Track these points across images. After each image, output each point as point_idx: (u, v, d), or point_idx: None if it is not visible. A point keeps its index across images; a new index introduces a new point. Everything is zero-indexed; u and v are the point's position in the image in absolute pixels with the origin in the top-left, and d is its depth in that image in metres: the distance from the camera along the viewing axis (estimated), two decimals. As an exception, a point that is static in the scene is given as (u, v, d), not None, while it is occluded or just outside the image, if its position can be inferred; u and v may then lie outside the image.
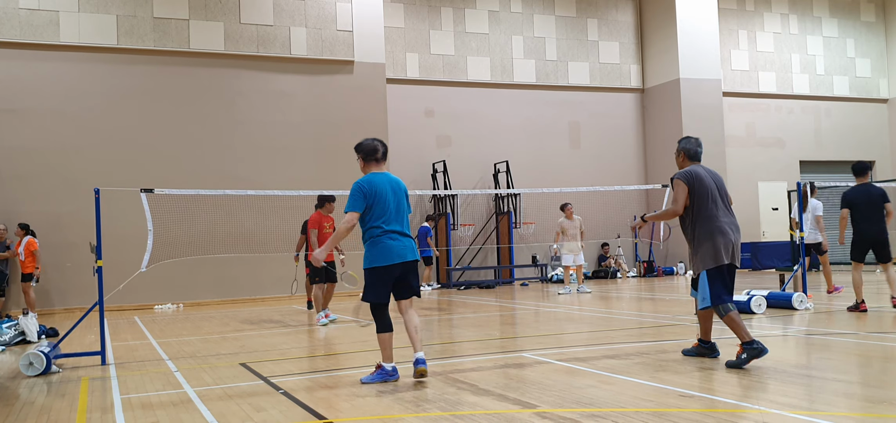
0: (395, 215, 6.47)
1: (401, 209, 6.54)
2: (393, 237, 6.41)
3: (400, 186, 6.62)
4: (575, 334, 9.76)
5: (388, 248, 6.37)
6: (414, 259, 6.50)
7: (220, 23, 18.30)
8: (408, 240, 6.50)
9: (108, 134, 17.34)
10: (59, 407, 6.21)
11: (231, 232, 16.15)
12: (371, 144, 6.63)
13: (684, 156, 7.18)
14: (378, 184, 6.46)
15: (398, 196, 6.54)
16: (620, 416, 5.00)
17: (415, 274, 6.57)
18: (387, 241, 6.39)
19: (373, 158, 6.60)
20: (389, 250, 6.37)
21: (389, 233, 6.40)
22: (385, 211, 6.43)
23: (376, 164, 6.61)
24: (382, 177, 6.54)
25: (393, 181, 6.59)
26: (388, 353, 6.49)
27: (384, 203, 6.43)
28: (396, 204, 6.50)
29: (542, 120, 22.84)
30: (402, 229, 6.50)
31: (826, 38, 26.55)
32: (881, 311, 10.81)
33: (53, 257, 16.43)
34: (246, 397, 6.20)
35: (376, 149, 6.62)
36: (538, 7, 23.03)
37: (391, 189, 6.50)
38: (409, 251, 6.48)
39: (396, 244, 6.40)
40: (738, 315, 6.63)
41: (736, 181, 24.06)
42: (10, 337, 10.53)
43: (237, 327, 12.10)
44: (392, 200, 6.47)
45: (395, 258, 6.37)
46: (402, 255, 6.41)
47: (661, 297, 15.15)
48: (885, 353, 7.47)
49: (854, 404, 5.12)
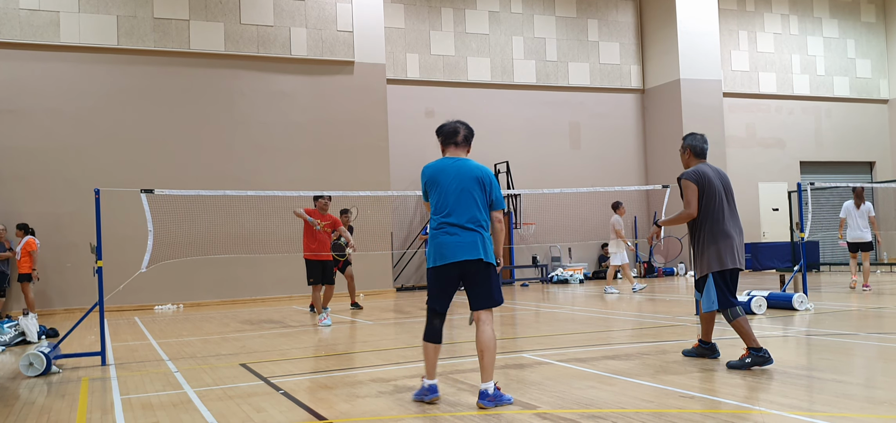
0: (457, 205, 5.48)
1: (466, 200, 5.50)
2: (450, 232, 5.48)
3: (471, 171, 5.56)
4: (575, 334, 9.76)
5: (439, 245, 5.50)
6: (473, 258, 5.45)
7: (220, 23, 18.30)
8: (469, 235, 5.46)
9: (108, 134, 17.35)
10: (59, 408, 6.21)
11: (231, 232, 16.15)
12: (451, 126, 5.73)
13: (690, 153, 7.02)
14: (441, 169, 5.61)
15: (464, 184, 5.51)
16: (620, 417, 5.00)
17: (482, 277, 5.50)
18: (441, 236, 5.51)
19: (452, 141, 5.71)
20: (440, 248, 5.49)
21: (446, 227, 5.50)
22: (444, 201, 5.53)
23: (455, 148, 5.71)
24: (449, 162, 5.63)
25: (462, 167, 5.58)
26: (427, 366, 5.63)
27: (443, 191, 5.54)
28: (460, 193, 5.50)
29: (542, 121, 22.84)
30: (464, 223, 5.47)
31: (826, 38, 26.55)
32: (881, 311, 10.81)
33: (53, 258, 16.44)
34: (246, 397, 6.20)
35: (457, 131, 5.70)
36: (538, 7, 23.03)
37: (456, 175, 5.54)
38: (463, 249, 5.44)
39: (450, 241, 5.46)
40: (747, 320, 6.58)
41: (736, 182, 23.86)
42: (11, 337, 10.53)
43: (237, 327, 12.10)
44: (454, 188, 5.51)
45: (446, 258, 5.46)
46: (453, 253, 5.44)
47: (660, 297, 15.15)
48: (885, 353, 7.46)
49: (854, 404, 5.12)
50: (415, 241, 21.06)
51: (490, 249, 5.52)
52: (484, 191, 5.54)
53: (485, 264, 5.46)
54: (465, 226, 5.46)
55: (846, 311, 11.06)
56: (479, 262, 5.45)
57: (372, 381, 6.73)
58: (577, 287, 19.38)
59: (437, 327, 5.58)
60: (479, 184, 5.52)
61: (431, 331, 5.58)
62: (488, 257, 5.48)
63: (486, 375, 5.35)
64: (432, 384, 5.59)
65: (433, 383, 5.59)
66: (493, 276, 5.53)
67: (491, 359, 5.36)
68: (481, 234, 5.49)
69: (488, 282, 5.49)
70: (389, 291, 19.49)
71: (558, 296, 16.53)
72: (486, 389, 5.33)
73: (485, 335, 5.39)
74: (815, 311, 10.82)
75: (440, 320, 5.59)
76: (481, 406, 5.30)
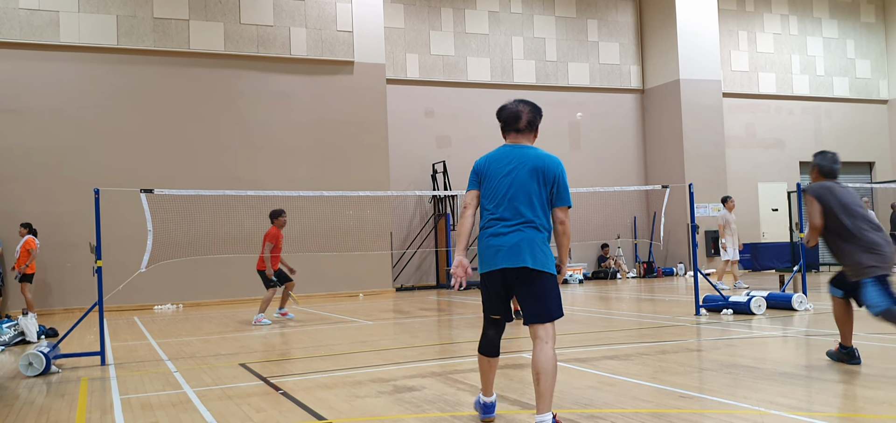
0: (506, 200, 4.61)
1: (519, 194, 4.61)
2: (495, 232, 4.63)
3: (529, 160, 4.66)
4: (575, 334, 9.75)
5: (485, 247, 4.69)
6: (515, 266, 4.54)
7: (220, 23, 18.30)
8: (515, 236, 4.56)
9: (108, 134, 17.34)
10: (58, 407, 6.21)
11: (231, 232, 16.16)
12: (512, 110, 4.83)
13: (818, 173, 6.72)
14: (495, 159, 4.77)
15: (518, 174, 4.63)
16: (620, 417, 4.99)
17: (533, 287, 4.56)
18: (487, 238, 4.68)
19: (513, 127, 4.81)
20: (486, 250, 4.68)
21: (492, 225, 4.65)
22: (494, 193, 4.68)
23: (516, 135, 4.82)
24: (507, 150, 4.78)
25: (521, 155, 4.70)
26: (483, 382, 4.90)
27: (494, 183, 4.70)
28: (511, 185, 4.63)
29: (542, 120, 22.79)
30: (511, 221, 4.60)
31: (826, 39, 26.55)
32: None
33: (53, 257, 16.44)
34: (245, 397, 6.20)
35: (519, 115, 4.80)
36: (538, 8, 23.03)
37: (510, 165, 4.67)
38: (506, 255, 4.55)
39: (494, 244, 4.61)
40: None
41: (736, 182, 24.09)
42: (10, 337, 10.52)
43: (237, 327, 12.10)
44: (505, 179, 4.65)
45: (488, 264, 4.66)
46: (493, 260, 4.60)
47: (660, 298, 15.14)
48: (885, 353, 7.46)
49: (854, 404, 5.12)
50: (414, 241, 21.06)
51: (541, 253, 4.56)
52: (543, 184, 4.62)
53: (535, 272, 4.54)
54: (513, 225, 4.58)
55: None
56: (523, 270, 4.54)
57: (372, 381, 6.73)
58: (577, 287, 19.38)
59: (492, 338, 4.77)
60: (538, 175, 4.61)
61: (486, 342, 4.78)
62: (538, 264, 4.53)
63: (543, 404, 4.37)
64: (490, 402, 4.92)
65: (491, 401, 4.92)
66: (548, 285, 4.57)
67: (549, 385, 4.37)
68: (532, 235, 4.56)
69: (542, 293, 4.54)
70: (389, 291, 19.49)
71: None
72: (542, 420, 4.35)
73: (543, 355, 4.43)
74: (814, 311, 10.82)
75: (494, 330, 4.78)
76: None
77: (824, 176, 6.64)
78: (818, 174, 6.68)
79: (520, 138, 4.82)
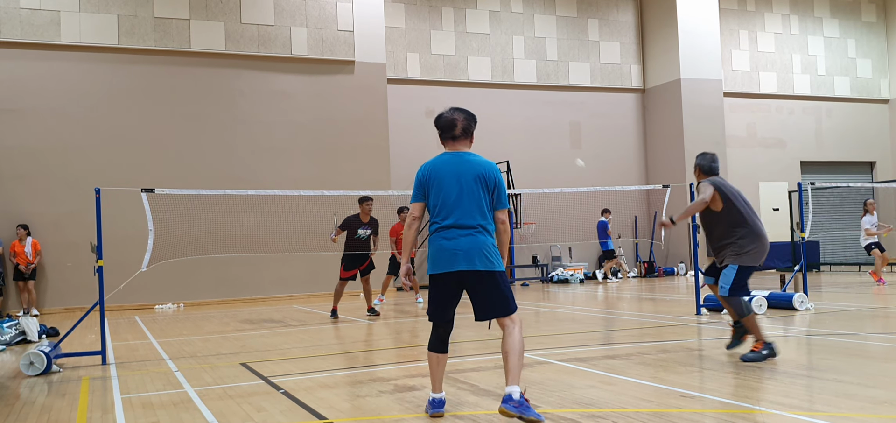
0: (456, 206, 4.97)
1: (467, 200, 4.98)
2: (447, 236, 4.97)
3: (472, 167, 5.03)
4: (575, 334, 9.75)
5: (438, 250, 5.00)
6: (473, 269, 4.92)
7: (220, 23, 18.30)
8: (467, 240, 4.93)
9: (108, 134, 17.34)
10: (59, 407, 6.21)
11: (231, 232, 16.16)
12: (448, 118, 5.17)
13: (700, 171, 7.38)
14: (439, 167, 5.09)
15: (464, 182, 4.99)
16: (621, 416, 4.99)
17: (489, 286, 4.95)
18: (439, 241, 5.01)
19: (448, 135, 5.15)
20: (439, 253, 4.99)
21: (444, 230, 5.00)
22: (443, 202, 5.01)
23: (452, 142, 5.16)
24: (448, 158, 5.11)
25: (463, 163, 5.06)
26: (433, 379, 5.16)
27: (441, 191, 5.03)
28: (460, 192, 4.98)
29: (542, 120, 22.83)
30: (463, 226, 4.96)
31: (827, 38, 26.53)
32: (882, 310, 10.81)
33: (54, 257, 16.45)
34: (246, 397, 6.20)
35: (454, 123, 5.13)
36: (539, 7, 23.02)
37: (455, 173, 5.02)
38: (462, 258, 4.91)
39: (448, 247, 4.95)
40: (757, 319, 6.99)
41: (737, 182, 23.97)
42: (11, 337, 10.53)
43: (237, 326, 12.10)
44: (454, 186, 4.99)
45: (443, 266, 4.97)
46: (450, 262, 4.94)
47: (661, 297, 15.14)
48: (886, 353, 7.46)
49: (854, 404, 5.11)
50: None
51: (494, 255, 4.97)
52: (485, 190, 5.01)
53: (489, 273, 4.92)
54: (468, 230, 4.94)
55: (846, 311, 11.06)
56: (480, 272, 4.91)
57: (372, 381, 6.73)
58: (578, 287, 19.38)
59: (443, 336, 5.11)
60: (481, 182, 4.99)
61: (437, 340, 5.10)
62: (495, 266, 4.94)
63: (511, 378, 4.78)
64: (438, 397, 5.15)
65: (440, 396, 5.16)
66: (503, 282, 4.98)
67: (516, 362, 4.81)
68: (485, 239, 4.95)
69: (501, 290, 4.94)
70: (389, 291, 19.46)
71: (559, 296, 16.53)
72: (511, 393, 4.72)
73: (513, 338, 4.86)
74: (815, 311, 10.82)
75: (444, 329, 5.11)
76: (505, 412, 4.69)
77: (705, 174, 7.28)
78: (700, 172, 7.34)
79: (457, 145, 5.17)
